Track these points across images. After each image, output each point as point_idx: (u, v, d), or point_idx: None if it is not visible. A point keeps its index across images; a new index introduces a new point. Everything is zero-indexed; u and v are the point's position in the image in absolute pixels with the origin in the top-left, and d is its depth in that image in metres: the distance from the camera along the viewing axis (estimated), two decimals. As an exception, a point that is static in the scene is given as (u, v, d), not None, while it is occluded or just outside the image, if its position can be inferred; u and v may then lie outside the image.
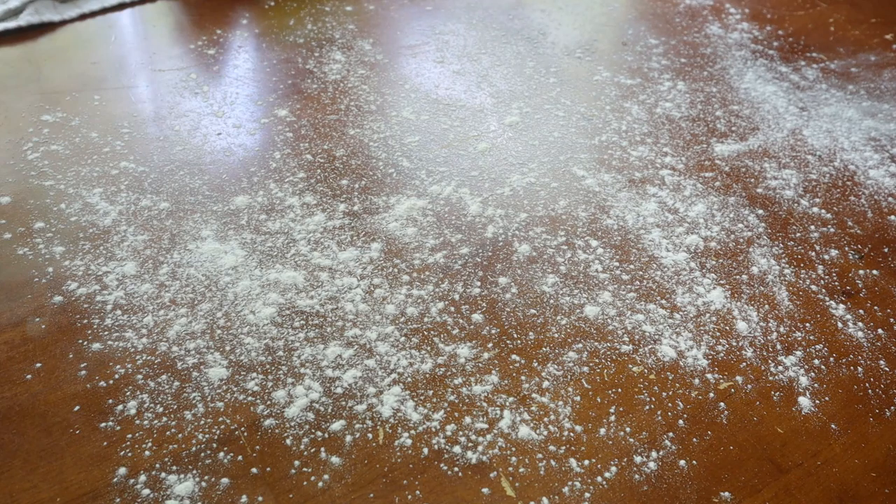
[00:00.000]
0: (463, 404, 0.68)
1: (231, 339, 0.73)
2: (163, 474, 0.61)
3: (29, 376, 0.69)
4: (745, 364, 0.74)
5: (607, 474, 0.63)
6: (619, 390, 0.70)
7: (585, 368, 0.72)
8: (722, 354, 0.75)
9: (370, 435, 0.65)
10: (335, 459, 0.63)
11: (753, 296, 0.82)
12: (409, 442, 0.65)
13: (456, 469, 0.63)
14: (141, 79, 1.15)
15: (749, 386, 0.71)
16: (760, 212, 0.94)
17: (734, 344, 0.76)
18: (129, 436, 0.64)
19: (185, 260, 0.82)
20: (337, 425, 0.65)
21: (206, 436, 0.64)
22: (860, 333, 0.78)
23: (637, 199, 0.95)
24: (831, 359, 0.75)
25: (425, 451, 0.64)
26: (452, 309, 0.78)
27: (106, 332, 0.73)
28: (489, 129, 1.07)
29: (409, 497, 0.60)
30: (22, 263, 0.80)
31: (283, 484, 0.61)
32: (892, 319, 0.80)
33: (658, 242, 0.88)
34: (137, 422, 0.65)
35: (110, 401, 0.67)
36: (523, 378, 0.71)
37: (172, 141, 1.01)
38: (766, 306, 0.80)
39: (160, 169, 0.95)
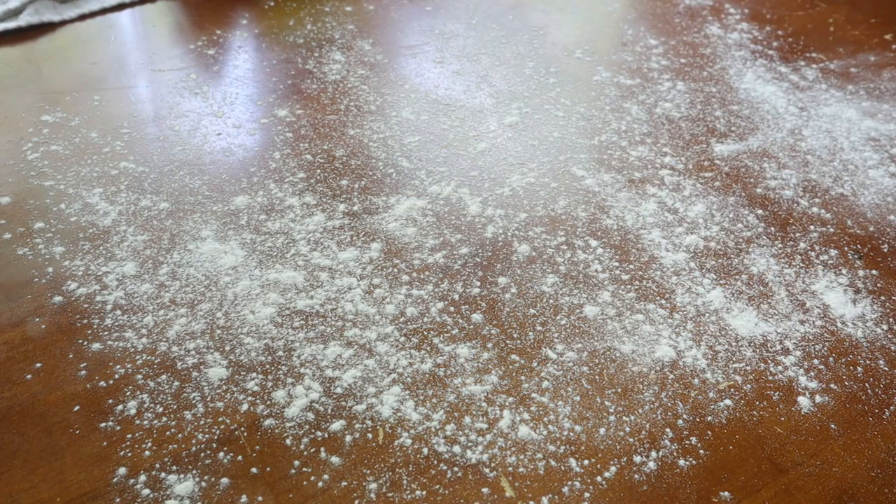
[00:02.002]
0: (463, 404, 0.68)
1: (231, 339, 0.73)
2: (163, 474, 0.61)
3: (29, 376, 0.69)
4: (744, 364, 0.74)
5: (607, 474, 0.63)
6: (619, 390, 0.70)
7: (585, 368, 0.72)
8: (721, 354, 0.75)
9: (370, 435, 0.65)
10: (335, 459, 0.63)
11: (753, 296, 0.82)
12: (408, 442, 0.65)
13: (456, 469, 0.63)
14: (141, 79, 1.15)
15: (749, 386, 0.71)
16: (760, 212, 0.95)
17: (734, 344, 0.76)
18: (129, 436, 0.64)
19: (184, 260, 0.82)
20: (337, 425, 0.66)
21: (206, 436, 0.64)
22: (860, 333, 0.78)
23: (637, 199, 0.95)
24: (831, 359, 0.75)
25: (425, 451, 0.64)
26: (452, 309, 0.78)
27: (106, 332, 0.73)
28: (489, 129, 1.07)
29: (409, 497, 0.61)
30: (22, 263, 0.80)
31: (283, 484, 0.61)
32: (891, 319, 0.80)
33: (658, 242, 0.88)
34: (137, 422, 0.65)
35: (110, 401, 0.67)
36: (523, 378, 0.71)
37: (172, 141, 1.01)
38: (766, 306, 0.80)
39: (160, 169, 0.95)
